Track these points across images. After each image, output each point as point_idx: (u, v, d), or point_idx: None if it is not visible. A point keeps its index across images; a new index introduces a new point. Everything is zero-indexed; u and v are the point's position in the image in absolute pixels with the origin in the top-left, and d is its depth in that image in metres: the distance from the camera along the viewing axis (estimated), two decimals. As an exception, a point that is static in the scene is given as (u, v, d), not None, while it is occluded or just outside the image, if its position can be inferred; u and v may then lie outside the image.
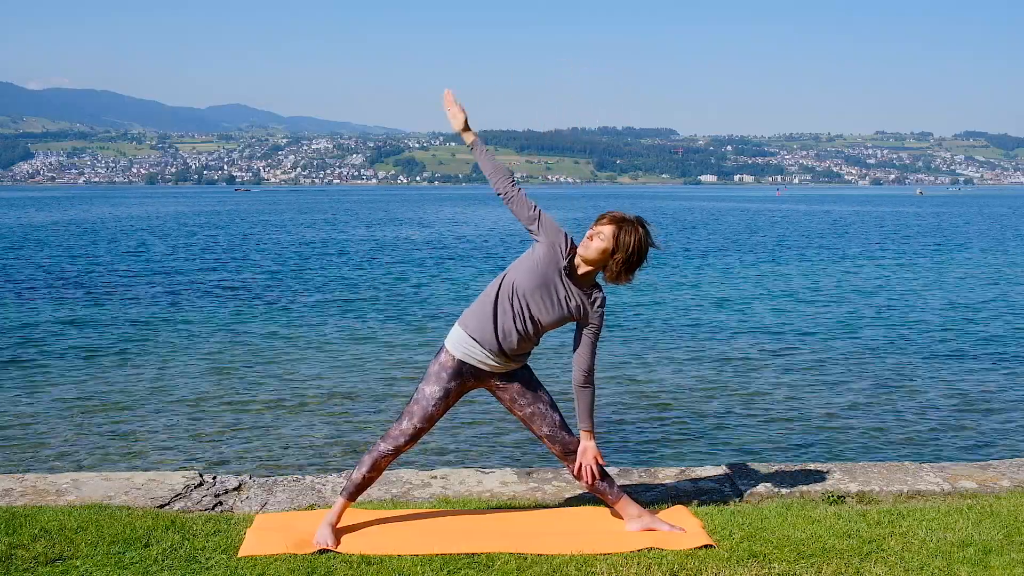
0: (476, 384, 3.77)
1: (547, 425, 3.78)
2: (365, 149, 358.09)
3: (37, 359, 10.96)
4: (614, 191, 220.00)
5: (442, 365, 3.71)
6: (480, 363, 3.69)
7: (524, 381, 3.78)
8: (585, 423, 3.76)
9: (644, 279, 20.14)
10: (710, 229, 43.61)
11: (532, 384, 3.79)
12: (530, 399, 3.77)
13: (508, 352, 3.67)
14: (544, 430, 3.78)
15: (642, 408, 8.57)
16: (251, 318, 14.50)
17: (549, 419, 3.78)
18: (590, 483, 3.79)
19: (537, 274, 3.64)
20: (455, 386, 3.71)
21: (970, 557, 3.41)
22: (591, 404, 3.76)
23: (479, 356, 3.68)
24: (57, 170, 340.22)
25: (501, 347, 3.65)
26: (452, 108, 3.81)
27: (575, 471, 3.80)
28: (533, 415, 3.78)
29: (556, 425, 3.79)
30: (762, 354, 11.43)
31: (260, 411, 8.53)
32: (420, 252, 29.11)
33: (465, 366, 3.70)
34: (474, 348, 3.67)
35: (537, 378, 3.85)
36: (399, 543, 3.58)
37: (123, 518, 3.77)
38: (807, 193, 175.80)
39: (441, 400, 3.69)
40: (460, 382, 3.72)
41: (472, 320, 3.69)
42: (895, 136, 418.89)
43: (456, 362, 3.70)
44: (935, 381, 9.89)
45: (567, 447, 3.79)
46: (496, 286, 3.70)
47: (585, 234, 3.65)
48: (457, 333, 3.72)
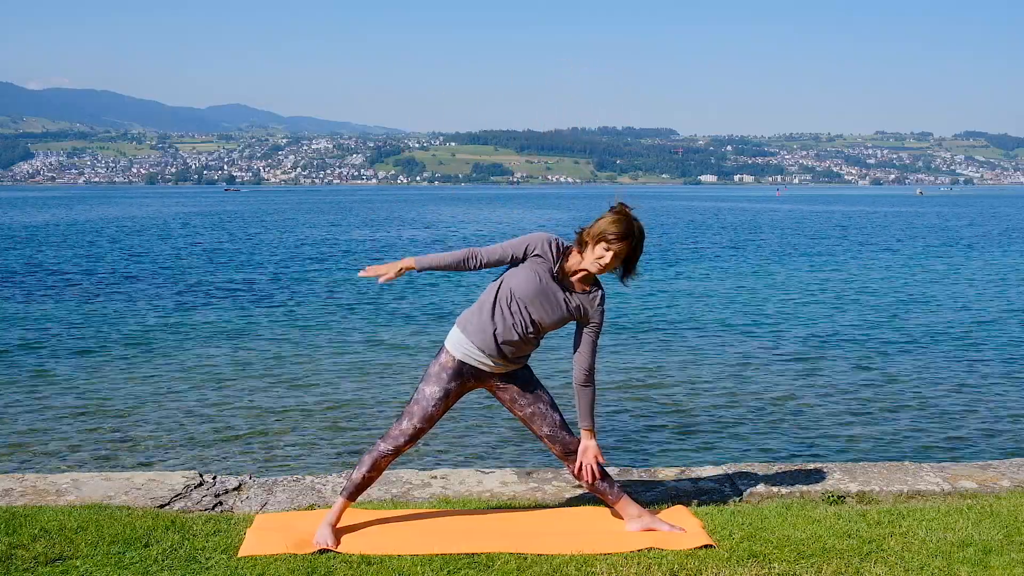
0: (476, 384, 3.77)
1: (547, 425, 3.78)
2: (365, 149, 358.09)
3: (37, 359, 10.96)
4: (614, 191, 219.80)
5: (442, 366, 3.71)
6: (481, 364, 3.70)
7: (524, 381, 3.78)
8: (586, 422, 3.76)
9: (644, 279, 20.14)
10: (713, 229, 43.60)
11: (532, 384, 3.80)
12: (530, 399, 3.78)
13: (508, 355, 3.68)
14: (544, 430, 3.79)
15: (642, 408, 8.57)
16: (252, 318, 14.50)
17: (549, 419, 3.78)
18: (590, 482, 3.80)
19: (533, 282, 3.64)
20: (455, 386, 3.71)
21: (970, 557, 3.41)
22: (592, 403, 3.76)
23: (479, 358, 3.68)
24: (57, 170, 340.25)
25: (501, 350, 3.66)
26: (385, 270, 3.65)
27: (575, 470, 3.80)
28: (533, 415, 3.78)
29: (556, 425, 3.79)
30: (762, 354, 11.43)
31: (260, 411, 8.53)
32: (424, 251, 29.12)
33: (465, 367, 3.71)
34: (474, 350, 3.67)
35: (537, 378, 3.85)
36: (399, 543, 3.58)
37: (123, 518, 3.77)
38: (807, 193, 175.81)
39: (441, 400, 3.70)
40: (460, 382, 3.72)
41: (471, 324, 3.69)
42: (895, 136, 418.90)
43: (457, 363, 3.70)
44: (935, 381, 9.89)
45: (567, 447, 3.79)
46: (494, 292, 3.70)
47: (597, 245, 3.57)
48: (457, 335, 3.72)
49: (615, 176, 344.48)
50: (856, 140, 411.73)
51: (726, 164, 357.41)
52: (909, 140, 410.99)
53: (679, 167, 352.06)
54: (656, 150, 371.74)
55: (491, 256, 3.68)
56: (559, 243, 3.67)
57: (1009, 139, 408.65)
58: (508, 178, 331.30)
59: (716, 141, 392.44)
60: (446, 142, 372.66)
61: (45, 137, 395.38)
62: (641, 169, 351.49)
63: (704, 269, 23.32)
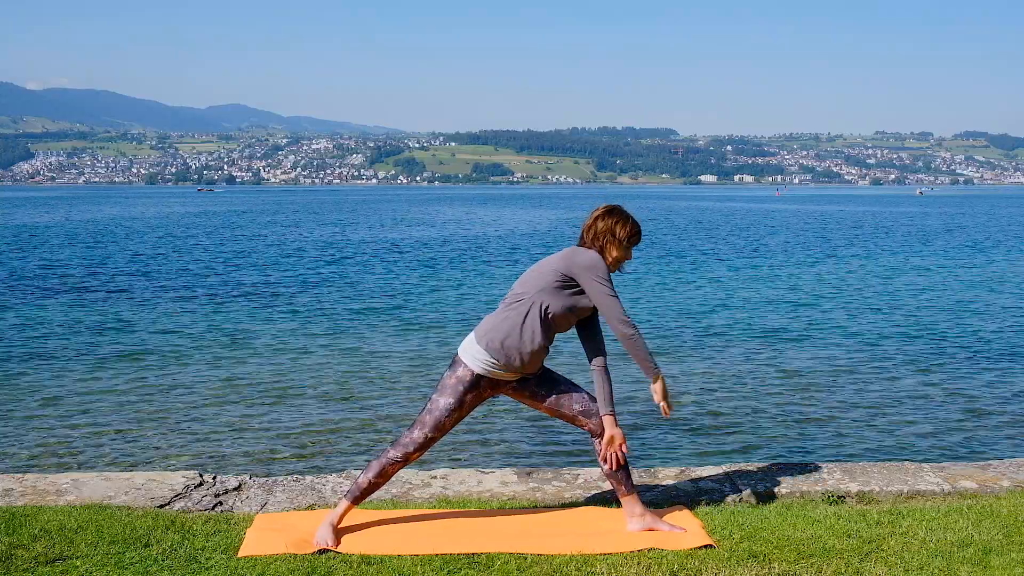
0: (493, 392, 3.78)
1: (576, 403, 3.78)
2: (365, 149, 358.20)
3: (38, 359, 10.96)
4: (614, 191, 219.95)
5: (459, 379, 3.69)
6: (500, 377, 3.71)
7: (538, 374, 3.80)
8: (607, 407, 3.74)
9: (644, 278, 20.15)
10: (714, 229, 43.59)
11: (546, 373, 3.81)
12: (549, 386, 3.79)
13: (528, 369, 3.72)
14: (575, 407, 3.77)
15: (642, 408, 8.56)
16: (252, 318, 14.50)
17: (577, 396, 3.78)
18: (613, 470, 3.78)
19: (575, 305, 3.70)
20: (471, 398, 3.71)
21: (970, 557, 3.41)
22: (611, 388, 3.76)
23: (500, 373, 3.69)
24: (57, 170, 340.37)
25: (524, 364, 3.68)
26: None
27: (600, 456, 3.79)
28: (559, 400, 3.78)
29: (585, 400, 3.79)
30: (762, 354, 11.42)
31: (261, 411, 8.53)
32: (424, 254, 29.10)
33: (483, 380, 3.70)
34: (496, 366, 3.67)
35: (547, 367, 3.86)
36: (399, 543, 3.58)
37: (123, 518, 3.77)
38: (807, 193, 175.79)
39: (455, 411, 3.69)
40: (477, 393, 3.72)
41: (497, 340, 3.65)
42: (895, 136, 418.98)
43: (474, 376, 3.69)
44: (935, 380, 9.89)
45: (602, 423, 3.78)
46: (525, 310, 3.66)
47: (620, 250, 3.78)
48: (477, 349, 3.68)
49: (615, 176, 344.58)
50: (856, 140, 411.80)
51: (726, 164, 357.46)
52: (909, 140, 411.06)
53: (679, 167, 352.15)
54: (656, 150, 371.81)
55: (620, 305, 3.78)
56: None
57: (1009, 139, 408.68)
58: (508, 178, 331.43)
59: (716, 141, 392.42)
60: (446, 142, 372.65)
61: (45, 137, 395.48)
62: (641, 169, 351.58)
63: (704, 269, 23.32)
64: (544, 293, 3.66)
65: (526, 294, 3.68)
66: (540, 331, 3.64)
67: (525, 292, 3.68)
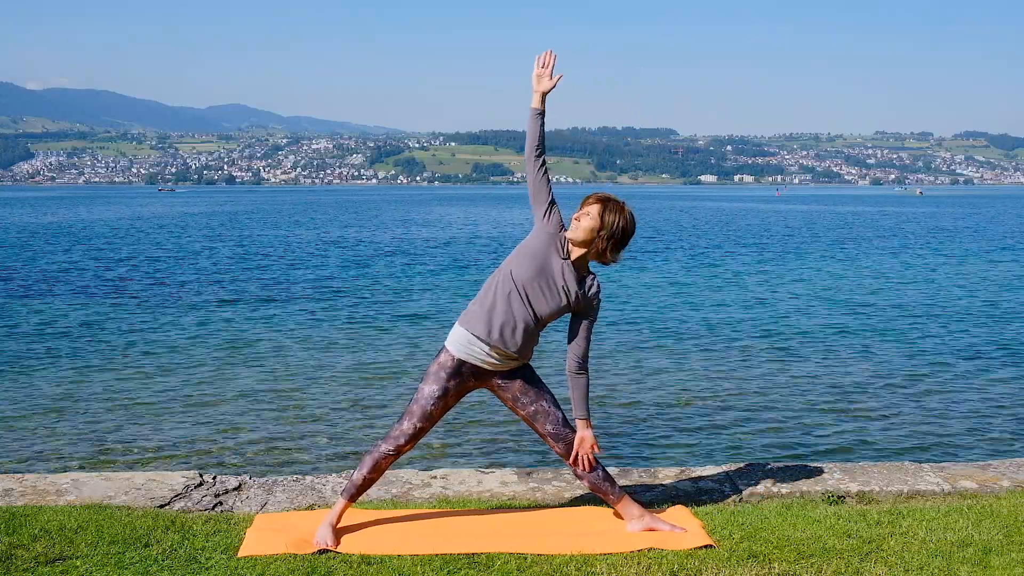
0: (477, 384, 3.77)
1: (550, 423, 3.78)
2: (365, 149, 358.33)
3: (38, 359, 10.96)
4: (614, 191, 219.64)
5: (441, 364, 3.71)
6: (482, 362, 3.69)
7: (526, 380, 3.78)
8: (580, 411, 3.76)
9: (644, 279, 20.14)
10: (715, 229, 43.59)
11: (534, 382, 3.79)
12: (532, 397, 3.77)
13: (509, 346, 3.66)
14: (547, 428, 3.78)
15: (642, 408, 8.57)
16: (252, 318, 14.51)
17: (552, 417, 3.77)
18: (587, 471, 3.79)
19: (536, 262, 3.67)
20: (454, 385, 3.70)
21: (970, 557, 3.41)
22: (586, 392, 3.76)
23: (481, 355, 3.67)
24: (57, 170, 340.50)
25: (503, 339, 3.64)
26: (543, 74, 3.86)
27: (571, 460, 3.80)
28: (536, 413, 3.78)
29: (559, 423, 3.78)
30: (763, 353, 11.42)
31: (261, 411, 8.53)
32: (425, 253, 29.11)
33: (465, 365, 3.70)
34: (475, 346, 3.67)
35: (539, 377, 3.84)
36: (399, 543, 3.58)
37: (123, 518, 3.77)
38: (807, 193, 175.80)
39: (440, 399, 3.69)
40: (459, 381, 3.71)
41: (472, 316, 3.69)
42: (895, 136, 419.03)
43: (456, 361, 3.70)
44: (935, 381, 9.89)
45: (571, 446, 3.79)
46: (496, 279, 3.72)
47: (571, 218, 3.73)
48: (458, 332, 3.71)
49: (615, 176, 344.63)
50: (856, 140, 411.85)
51: (726, 164, 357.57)
52: (909, 140, 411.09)
53: (679, 167, 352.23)
54: (656, 150, 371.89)
55: (547, 180, 3.84)
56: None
57: (1009, 139, 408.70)
58: (508, 178, 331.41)
59: (716, 141, 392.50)
60: (446, 142, 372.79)
61: (45, 137, 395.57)
62: (641, 169, 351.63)
63: (704, 269, 23.32)
64: (513, 260, 3.73)
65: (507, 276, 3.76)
66: (508, 300, 3.66)
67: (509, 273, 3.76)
